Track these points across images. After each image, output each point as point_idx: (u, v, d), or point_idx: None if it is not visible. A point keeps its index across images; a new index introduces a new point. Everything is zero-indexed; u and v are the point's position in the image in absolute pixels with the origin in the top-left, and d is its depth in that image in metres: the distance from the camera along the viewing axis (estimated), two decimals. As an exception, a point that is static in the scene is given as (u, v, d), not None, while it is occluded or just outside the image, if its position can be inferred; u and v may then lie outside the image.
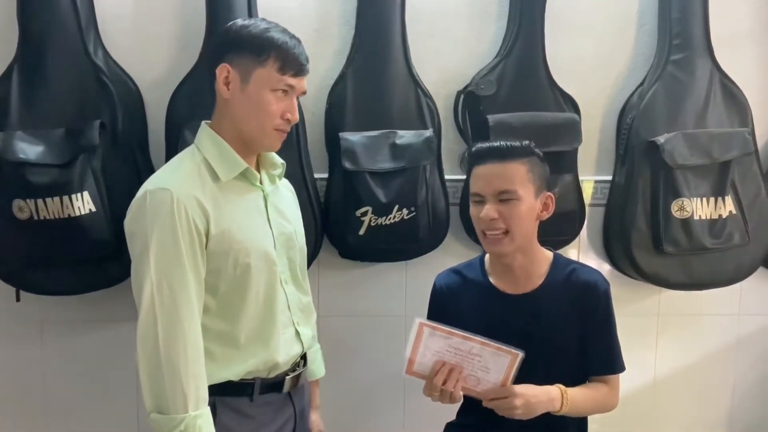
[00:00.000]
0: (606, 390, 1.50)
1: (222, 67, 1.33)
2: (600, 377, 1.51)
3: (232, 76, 1.33)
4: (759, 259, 2.01)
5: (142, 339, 1.25)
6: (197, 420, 1.23)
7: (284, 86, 1.33)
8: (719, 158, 1.91)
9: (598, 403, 1.49)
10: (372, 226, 1.82)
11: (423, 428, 1.99)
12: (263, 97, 1.32)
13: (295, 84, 1.35)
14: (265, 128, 1.34)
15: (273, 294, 1.38)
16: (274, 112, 1.33)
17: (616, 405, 1.53)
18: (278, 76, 1.32)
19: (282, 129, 1.36)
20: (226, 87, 1.34)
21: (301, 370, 1.47)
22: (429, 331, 1.37)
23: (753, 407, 2.19)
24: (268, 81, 1.32)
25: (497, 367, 1.37)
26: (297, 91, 1.36)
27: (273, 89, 1.32)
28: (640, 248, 1.94)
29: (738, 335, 2.15)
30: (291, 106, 1.35)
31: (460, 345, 1.36)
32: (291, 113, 1.35)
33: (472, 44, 1.97)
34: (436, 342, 1.38)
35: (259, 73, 1.32)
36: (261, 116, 1.33)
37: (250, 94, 1.33)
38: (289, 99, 1.35)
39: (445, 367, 1.39)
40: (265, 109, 1.33)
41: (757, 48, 2.05)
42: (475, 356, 1.36)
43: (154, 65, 1.87)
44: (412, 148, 1.83)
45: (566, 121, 1.92)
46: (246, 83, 1.32)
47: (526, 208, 1.45)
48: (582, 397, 1.45)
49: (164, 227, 1.24)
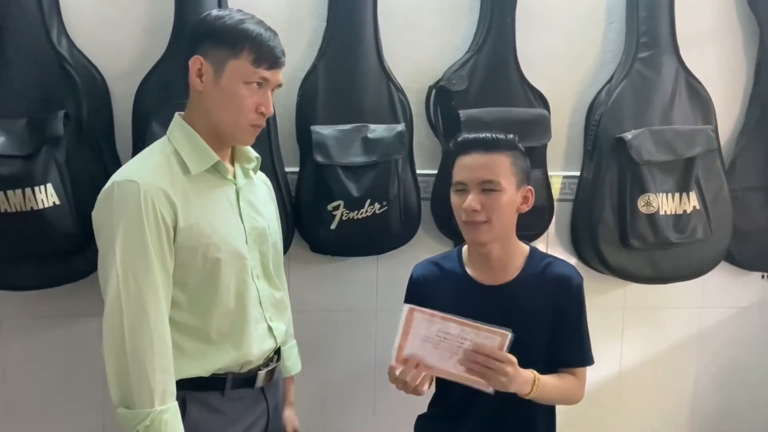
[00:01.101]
0: (575, 382, 1.53)
1: (195, 59, 1.31)
2: (569, 369, 1.53)
3: (205, 68, 1.31)
4: (721, 253, 2.07)
5: (107, 332, 1.23)
6: (163, 415, 1.21)
7: (258, 79, 1.31)
8: (684, 154, 1.96)
9: (565, 394, 1.52)
10: (344, 220, 1.81)
11: (395, 421, 2.00)
12: (237, 90, 1.30)
13: (269, 77, 1.32)
14: (239, 122, 1.33)
15: (244, 289, 1.36)
16: (248, 106, 1.31)
17: (581, 398, 1.56)
18: (252, 69, 1.30)
19: (256, 124, 1.35)
20: (199, 79, 1.31)
21: (274, 365, 1.46)
22: (420, 316, 1.35)
23: (713, 397, 2.25)
24: (242, 74, 1.30)
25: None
26: (272, 84, 1.34)
27: (247, 82, 1.30)
28: (607, 243, 1.98)
29: (700, 327, 2.21)
30: (265, 100, 1.33)
31: (450, 329, 1.34)
32: (266, 107, 1.33)
33: (443, 39, 1.97)
34: (425, 328, 1.36)
35: (232, 66, 1.29)
36: (235, 110, 1.31)
37: (223, 87, 1.30)
38: (263, 92, 1.33)
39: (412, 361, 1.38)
40: (238, 102, 1.31)
41: (720, 47, 2.11)
42: (463, 341, 1.35)
43: (121, 55, 1.83)
44: (384, 142, 1.83)
45: (536, 117, 1.94)
46: (219, 76, 1.30)
47: (507, 200, 1.47)
48: (551, 386, 1.47)
49: (130, 219, 1.22)
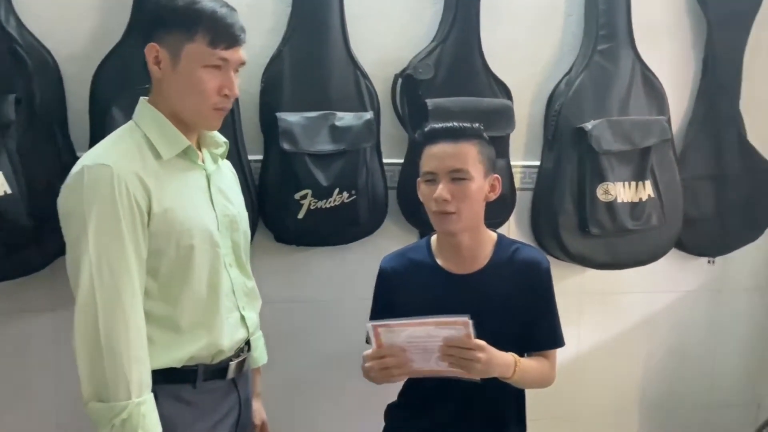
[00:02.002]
0: (547, 364, 1.56)
1: (150, 46, 1.26)
2: (541, 352, 1.57)
3: (161, 55, 1.26)
4: (673, 240, 2.16)
5: (80, 323, 1.18)
6: (141, 407, 1.18)
7: (217, 61, 1.26)
8: (640, 144, 2.03)
9: (541, 376, 1.55)
10: (311, 209, 1.79)
11: (364, 411, 1.98)
12: (196, 74, 1.25)
13: (229, 57, 1.27)
14: (202, 108, 1.29)
15: (217, 277, 1.33)
16: (210, 90, 1.27)
17: (553, 380, 1.59)
18: (210, 51, 1.25)
19: (221, 107, 1.30)
20: (157, 67, 1.27)
21: (245, 355, 1.43)
22: (384, 330, 1.37)
23: (664, 377, 2.35)
24: (200, 57, 1.25)
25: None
26: (233, 63, 1.29)
27: (205, 65, 1.25)
28: (567, 230, 2.03)
29: (651, 311, 2.31)
30: (228, 81, 1.28)
31: (416, 333, 1.36)
32: (229, 88, 1.29)
33: (409, 27, 1.97)
34: (394, 338, 1.37)
35: (189, 49, 1.25)
36: (196, 96, 1.27)
37: (181, 73, 1.26)
38: (225, 73, 1.28)
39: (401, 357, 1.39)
40: (199, 87, 1.26)
41: (672, 41, 2.19)
42: (435, 338, 1.36)
43: (75, 37, 1.73)
44: (352, 130, 1.81)
45: (500, 107, 1.96)
46: (176, 61, 1.25)
47: (476, 188, 1.48)
48: (530, 368, 1.50)
49: (104, 205, 1.18)
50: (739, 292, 2.37)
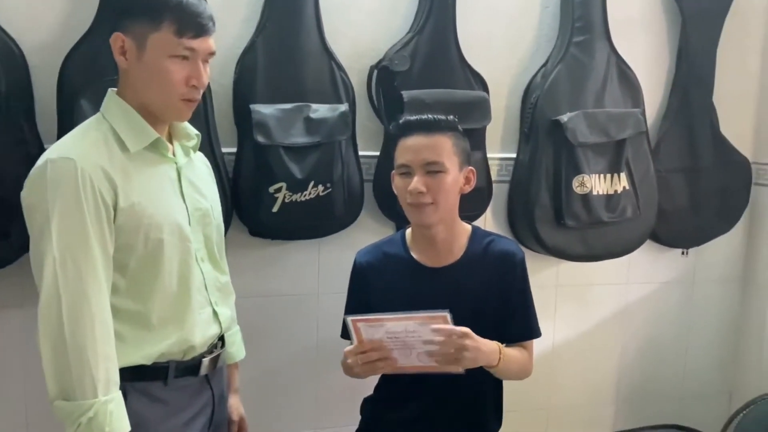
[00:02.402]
0: (527, 355, 1.57)
1: (115, 36, 1.23)
2: (519, 343, 1.57)
3: (127, 45, 1.23)
4: (647, 232, 2.17)
5: (44, 320, 1.15)
6: (108, 405, 1.15)
7: (184, 51, 1.23)
8: (615, 137, 2.03)
9: (523, 366, 1.55)
10: (286, 202, 1.77)
11: (339, 405, 1.99)
12: (162, 65, 1.22)
13: (197, 46, 1.24)
14: (170, 99, 1.25)
15: (188, 272, 1.31)
16: (177, 81, 1.24)
17: (532, 371, 1.60)
18: (176, 40, 1.22)
19: (190, 98, 1.27)
20: (123, 57, 1.24)
21: (218, 351, 1.41)
22: (363, 325, 1.36)
23: (638, 368, 2.38)
24: (165, 46, 1.22)
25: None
26: (201, 53, 1.26)
27: (172, 55, 1.22)
28: (543, 223, 2.03)
29: (626, 302, 2.32)
30: (196, 71, 1.25)
31: (395, 328, 1.35)
32: (197, 79, 1.25)
33: (384, 18, 1.95)
34: (374, 333, 1.37)
35: (154, 39, 1.21)
36: (162, 87, 1.24)
37: (147, 63, 1.23)
38: (192, 63, 1.25)
39: (384, 350, 1.38)
40: (165, 78, 1.23)
41: (647, 34, 2.20)
42: (414, 334, 1.36)
43: (41, 26, 1.68)
44: (327, 122, 1.79)
45: (477, 99, 1.95)
46: (142, 51, 1.22)
47: (451, 181, 1.48)
48: (513, 356, 1.50)
49: (68, 199, 1.15)
50: (712, 283, 2.40)
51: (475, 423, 1.61)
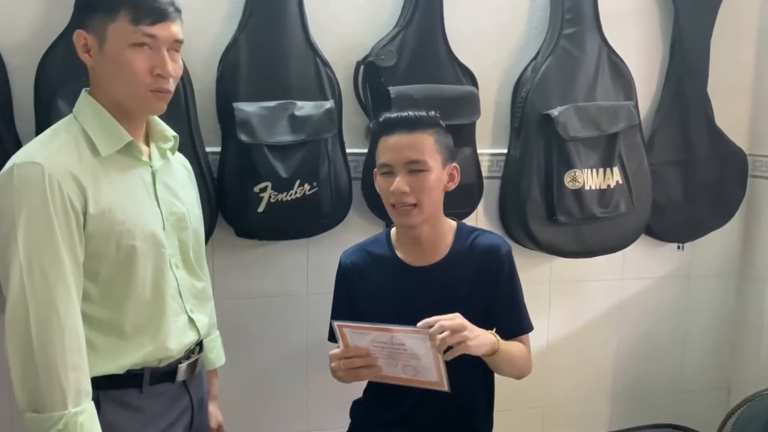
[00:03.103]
0: (525, 350, 1.53)
1: (77, 34, 1.21)
2: (512, 339, 1.53)
3: (90, 41, 1.20)
4: (641, 227, 2.14)
5: (11, 330, 1.11)
6: (78, 417, 1.12)
7: (143, 38, 1.18)
8: (607, 130, 2.00)
9: (522, 356, 1.51)
10: (272, 202, 1.73)
11: (328, 407, 1.96)
12: (122, 55, 1.18)
13: (157, 33, 1.19)
14: (135, 91, 1.21)
15: (161, 279, 1.27)
16: (140, 71, 1.19)
17: (531, 369, 1.56)
18: (132, 28, 1.17)
19: (157, 88, 1.22)
20: (88, 54, 1.21)
21: (196, 356, 1.38)
22: (349, 331, 1.33)
23: (634, 363, 2.35)
24: (124, 36, 1.18)
25: (424, 351, 1.32)
26: (164, 40, 1.20)
27: (132, 44, 1.18)
28: (535, 218, 2.00)
29: (621, 298, 2.29)
30: (160, 60, 1.20)
31: (382, 338, 1.32)
32: (161, 68, 1.20)
33: (370, 12, 1.91)
34: (360, 340, 1.34)
35: (112, 30, 1.18)
36: (126, 78, 1.20)
37: (109, 56, 1.19)
38: (156, 52, 1.20)
39: (369, 357, 1.35)
40: (128, 69, 1.19)
41: (639, 25, 2.16)
42: (400, 346, 1.32)
43: (18, 25, 1.65)
44: (312, 120, 1.75)
45: (465, 94, 1.92)
46: (103, 45, 1.19)
47: (435, 179, 1.45)
48: (511, 347, 1.47)
49: (34, 205, 1.11)
50: (708, 277, 2.37)
51: (466, 424, 1.58)
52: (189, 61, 1.75)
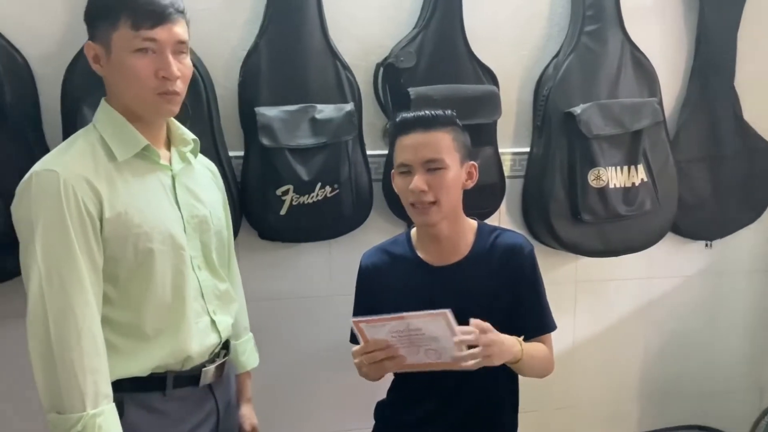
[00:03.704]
0: (547, 350, 1.52)
1: (86, 46, 1.24)
2: (535, 339, 1.52)
3: (98, 51, 1.23)
4: (668, 224, 2.10)
5: (32, 334, 1.14)
6: (96, 419, 1.14)
7: (144, 43, 1.20)
8: (631, 128, 1.97)
9: (544, 359, 1.50)
10: (294, 205, 1.75)
11: (352, 408, 1.96)
12: (126, 62, 1.20)
13: (157, 36, 1.20)
14: (143, 95, 1.23)
15: (182, 281, 1.28)
16: (144, 76, 1.21)
17: (553, 369, 1.55)
18: (132, 34, 1.19)
19: (164, 91, 1.23)
20: (98, 65, 1.24)
21: (221, 360, 1.38)
22: (366, 326, 1.33)
23: (662, 363, 2.31)
24: (125, 43, 1.20)
25: (441, 332, 1.32)
26: (165, 43, 1.21)
27: (134, 50, 1.20)
28: (559, 218, 1.98)
29: (648, 298, 2.26)
30: (163, 62, 1.21)
31: (399, 327, 1.31)
32: (165, 70, 1.21)
33: (389, 14, 1.91)
34: (378, 333, 1.34)
35: (115, 38, 1.20)
36: (132, 84, 1.22)
37: (115, 64, 1.22)
38: (159, 55, 1.21)
39: (390, 349, 1.35)
40: (132, 74, 1.21)
41: (662, 20, 2.12)
42: (418, 331, 1.32)
43: (45, 36, 1.69)
44: (333, 122, 1.77)
45: (486, 94, 1.91)
46: (109, 53, 1.22)
47: (453, 177, 1.44)
48: (533, 349, 1.45)
49: (51, 212, 1.14)
50: (738, 275, 2.32)
51: (490, 424, 1.57)
52: (211, 66, 1.78)
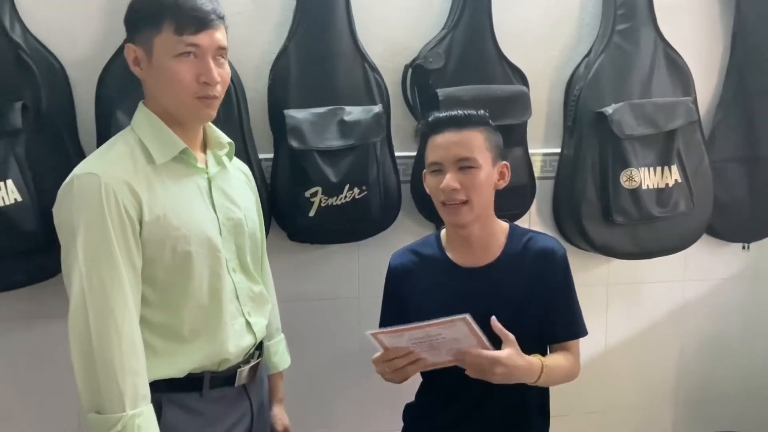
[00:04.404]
0: (571, 358, 1.50)
1: (127, 48, 1.25)
2: (563, 344, 1.50)
3: (139, 54, 1.24)
4: (703, 226, 2.06)
5: (73, 334, 1.16)
6: (135, 419, 1.15)
7: (187, 48, 1.21)
8: (665, 127, 1.93)
9: (566, 373, 1.48)
10: (322, 206, 1.75)
11: (382, 411, 1.96)
12: (168, 66, 1.22)
13: (200, 42, 1.21)
14: (182, 100, 1.24)
15: (219, 283, 1.30)
16: (186, 81, 1.22)
17: (578, 373, 1.53)
18: (176, 39, 1.20)
19: (203, 95, 1.24)
20: (138, 67, 1.25)
21: (255, 361, 1.40)
22: (384, 337, 1.33)
23: (698, 367, 2.26)
24: (168, 47, 1.21)
25: (462, 335, 1.31)
26: (208, 49, 1.23)
27: (176, 55, 1.21)
28: (590, 219, 1.96)
29: (683, 301, 2.21)
30: (205, 68, 1.23)
31: (418, 335, 1.31)
32: (206, 75, 1.22)
33: (418, 15, 1.91)
34: (398, 342, 1.33)
35: (158, 42, 1.21)
36: (173, 88, 1.23)
37: (156, 67, 1.23)
38: (200, 60, 1.23)
39: (410, 355, 1.35)
40: (174, 78, 1.22)
41: (698, 17, 2.08)
42: (438, 336, 1.31)
43: (80, 41, 1.73)
44: (361, 124, 1.77)
45: (515, 94, 1.89)
46: (150, 57, 1.23)
47: (485, 177, 1.43)
48: (556, 368, 1.44)
49: (92, 214, 1.16)
50: (777, 278, 2.26)
51: (520, 428, 1.56)
52: (241, 69, 1.79)
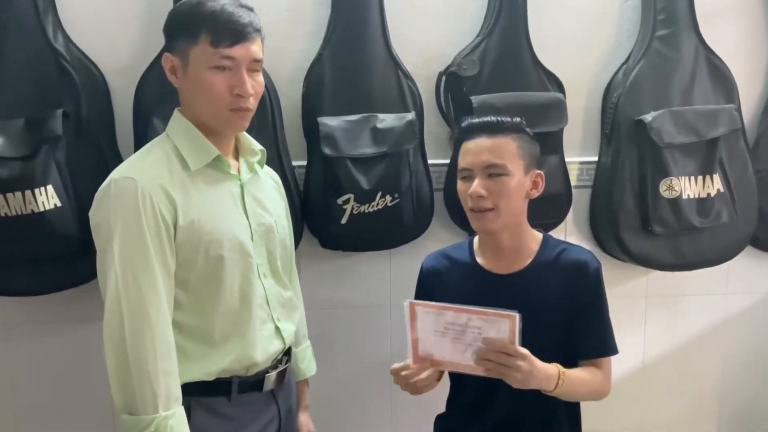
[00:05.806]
0: (600, 375, 1.45)
1: (164, 57, 1.27)
2: (592, 361, 1.46)
3: (175, 63, 1.26)
4: (746, 238, 1.99)
5: (108, 335, 1.18)
6: (168, 421, 1.16)
7: (222, 60, 1.22)
8: (707, 135, 1.88)
9: (591, 389, 1.44)
10: (354, 214, 1.75)
11: (412, 420, 1.95)
12: (203, 78, 1.23)
13: (235, 54, 1.22)
14: (217, 111, 1.25)
15: (249, 288, 1.30)
16: (220, 92, 1.23)
17: (608, 392, 1.48)
18: (212, 51, 1.21)
19: (237, 107, 1.25)
20: (175, 76, 1.27)
21: (284, 366, 1.40)
22: (421, 310, 1.31)
23: (742, 385, 2.18)
24: (204, 59, 1.22)
25: (499, 335, 1.27)
26: (242, 61, 1.23)
27: (212, 67, 1.22)
28: (628, 229, 1.91)
29: (725, 314, 2.14)
30: (239, 80, 1.23)
31: (458, 320, 1.28)
32: (240, 87, 1.23)
33: (452, 22, 1.90)
34: (431, 321, 1.31)
35: (194, 53, 1.23)
36: (207, 99, 1.24)
37: (191, 78, 1.24)
38: (235, 73, 1.23)
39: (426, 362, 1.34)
40: (209, 90, 1.23)
41: (742, 22, 2.02)
42: (473, 329, 1.28)
43: (119, 50, 1.77)
44: (394, 132, 1.76)
45: (551, 101, 1.86)
46: (187, 67, 1.24)
47: (515, 184, 1.41)
48: (578, 381, 1.40)
49: (128, 217, 1.18)
50: (826, 292, 2.17)
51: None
52: (275, 77, 1.81)
